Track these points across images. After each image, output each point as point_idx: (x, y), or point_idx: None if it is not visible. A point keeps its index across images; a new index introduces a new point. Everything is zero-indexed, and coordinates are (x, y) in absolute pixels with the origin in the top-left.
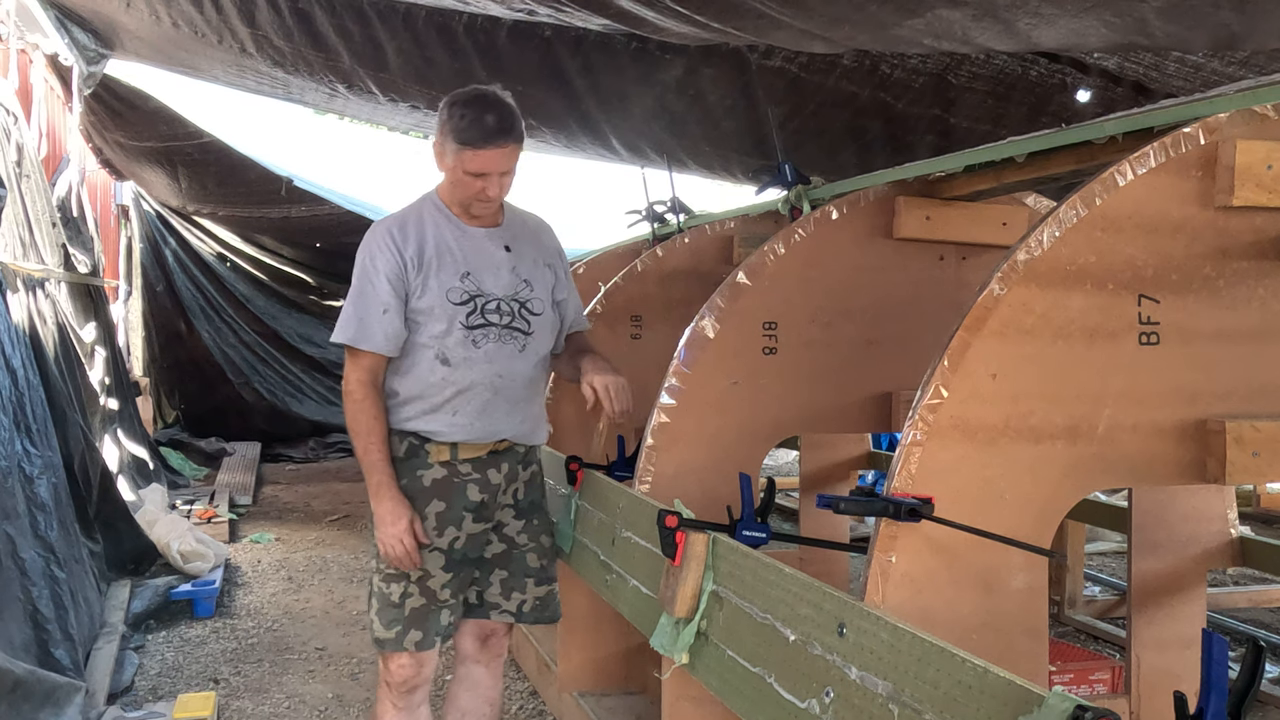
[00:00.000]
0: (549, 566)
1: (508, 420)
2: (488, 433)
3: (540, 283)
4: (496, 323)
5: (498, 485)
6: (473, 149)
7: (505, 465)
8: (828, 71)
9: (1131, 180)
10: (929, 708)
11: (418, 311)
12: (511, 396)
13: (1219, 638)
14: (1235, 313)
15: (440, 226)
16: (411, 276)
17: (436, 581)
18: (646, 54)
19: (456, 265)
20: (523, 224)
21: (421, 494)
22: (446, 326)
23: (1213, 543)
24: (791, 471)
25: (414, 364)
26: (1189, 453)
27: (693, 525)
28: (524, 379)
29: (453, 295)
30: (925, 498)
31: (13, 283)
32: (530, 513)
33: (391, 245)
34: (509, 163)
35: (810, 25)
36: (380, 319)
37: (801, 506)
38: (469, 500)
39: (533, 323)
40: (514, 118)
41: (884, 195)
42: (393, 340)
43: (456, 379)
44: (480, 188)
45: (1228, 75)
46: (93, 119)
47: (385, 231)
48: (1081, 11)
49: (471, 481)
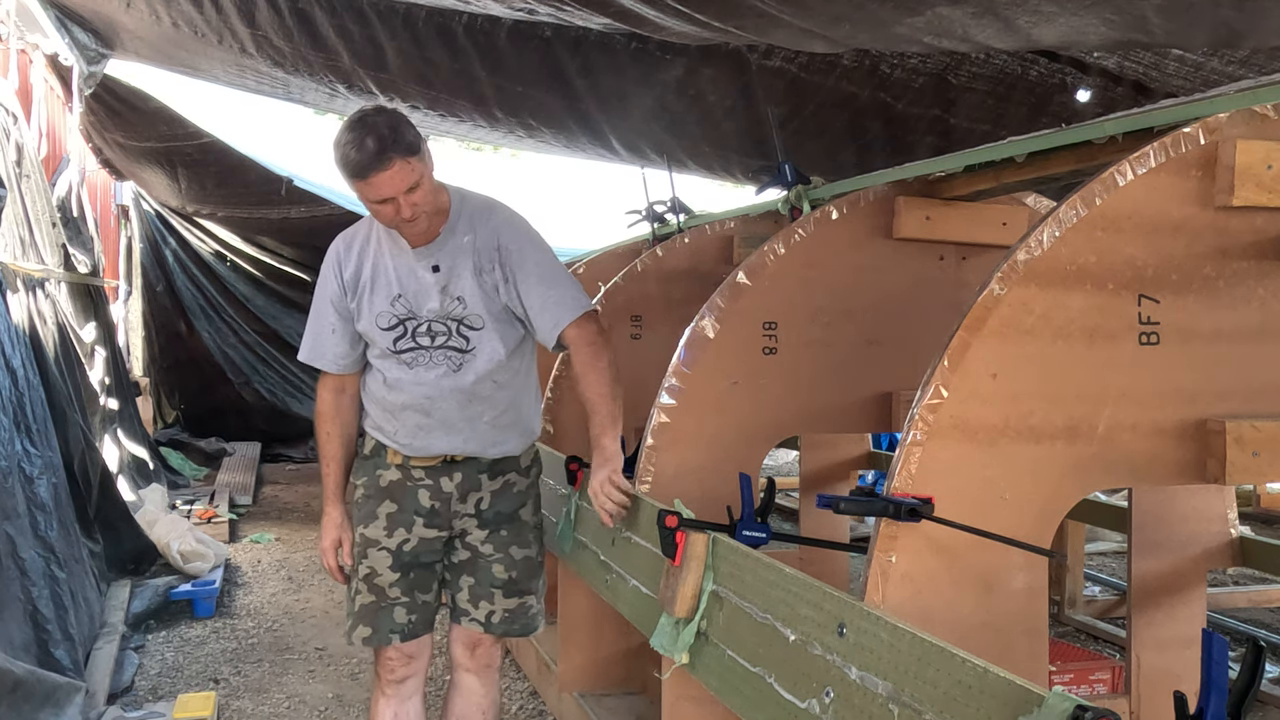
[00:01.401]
0: (521, 580)
1: (446, 439)
2: (427, 450)
3: (479, 294)
4: (428, 345)
5: (450, 494)
6: (361, 179)
7: (459, 475)
8: (828, 71)
9: (1131, 180)
10: (929, 708)
11: (361, 333)
12: (446, 417)
13: (1219, 638)
14: (1235, 313)
15: (382, 245)
16: (349, 300)
17: (384, 580)
18: (646, 54)
19: (389, 288)
20: (469, 227)
21: (378, 493)
22: (380, 350)
23: (1213, 543)
24: (791, 471)
25: (369, 379)
26: (1189, 453)
27: (693, 525)
28: (461, 398)
29: (381, 320)
30: (925, 498)
31: (13, 283)
32: (498, 524)
33: (334, 267)
34: (407, 179)
35: (810, 24)
36: (329, 339)
37: (801, 506)
38: (420, 504)
39: (473, 338)
40: (396, 131)
41: (884, 195)
42: (342, 360)
43: (393, 399)
44: (393, 212)
45: (1228, 74)
46: (93, 119)
47: (333, 251)
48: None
49: (423, 487)
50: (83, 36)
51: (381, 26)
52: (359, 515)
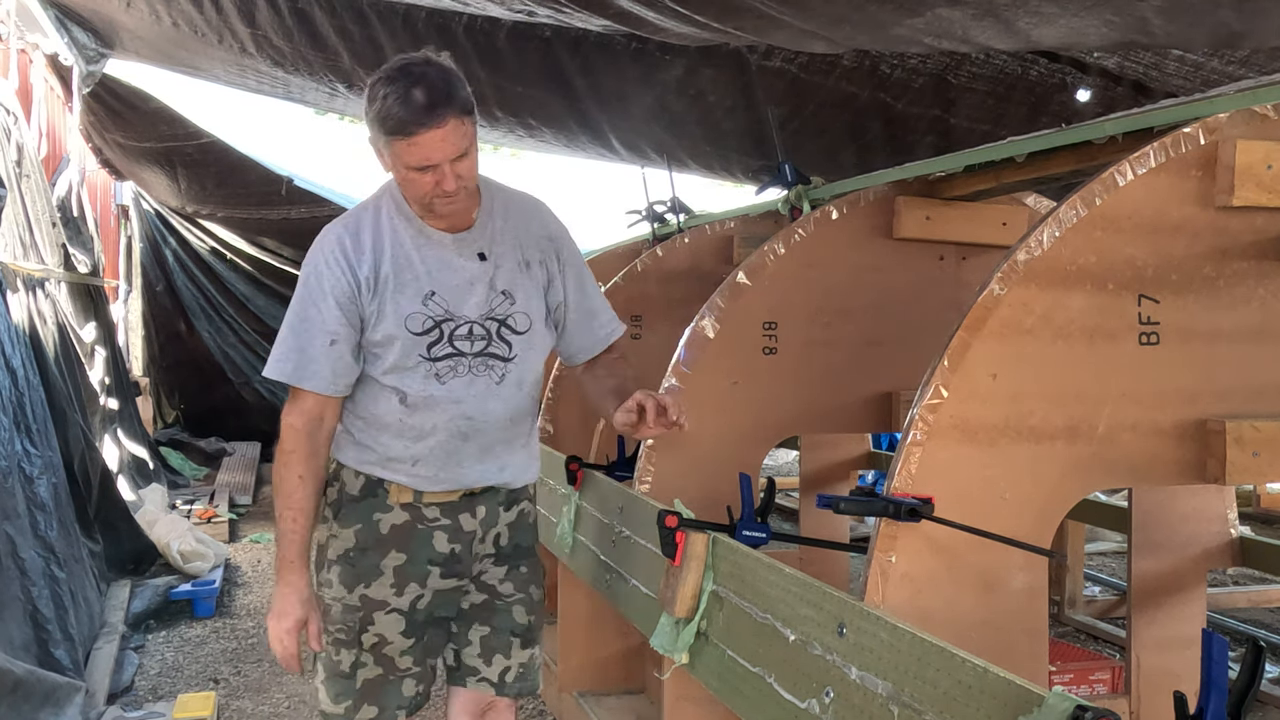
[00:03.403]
0: (535, 626)
1: (480, 468)
2: (456, 483)
3: (526, 290)
4: (467, 351)
5: (472, 533)
6: (405, 137)
7: (483, 509)
8: (828, 72)
9: (1131, 180)
10: (929, 708)
11: (373, 343)
12: (484, 441)
13: (1219, 638)
14: (1235, 313)
15: (400, 233)
16: (366, 301)
17: (395, 648)
18: (646, 54)
19: (419, 284)
20: (505, 215)
21: (378, 544)
22: (405, 360)
23: (1213, 543)
24: (791, 471)
25: (369, 402)
26: (1189, 453)
27: (693, 525)
28: (502, 417)
29: (413, 323)
30: (925, 498)
31: (13, 283)
32: (516, 559)
33: (342, 261)
34: (458, 143)
35: (810, 25)
36: (326, 352)
37: (801, 506)
38: (436, 552)
39: (515, 344)
40: (450, 85)
41: (884, 195)
42: (342, 378)
43: (416, 423)
44: (432, 183)
45: (1228, 75)
46: (93, 119)
47: (336, 241)
48: (1082, 10)
49: (439, 529)
50: (82, 36)
51: (381, 27)
52: (352, 573)
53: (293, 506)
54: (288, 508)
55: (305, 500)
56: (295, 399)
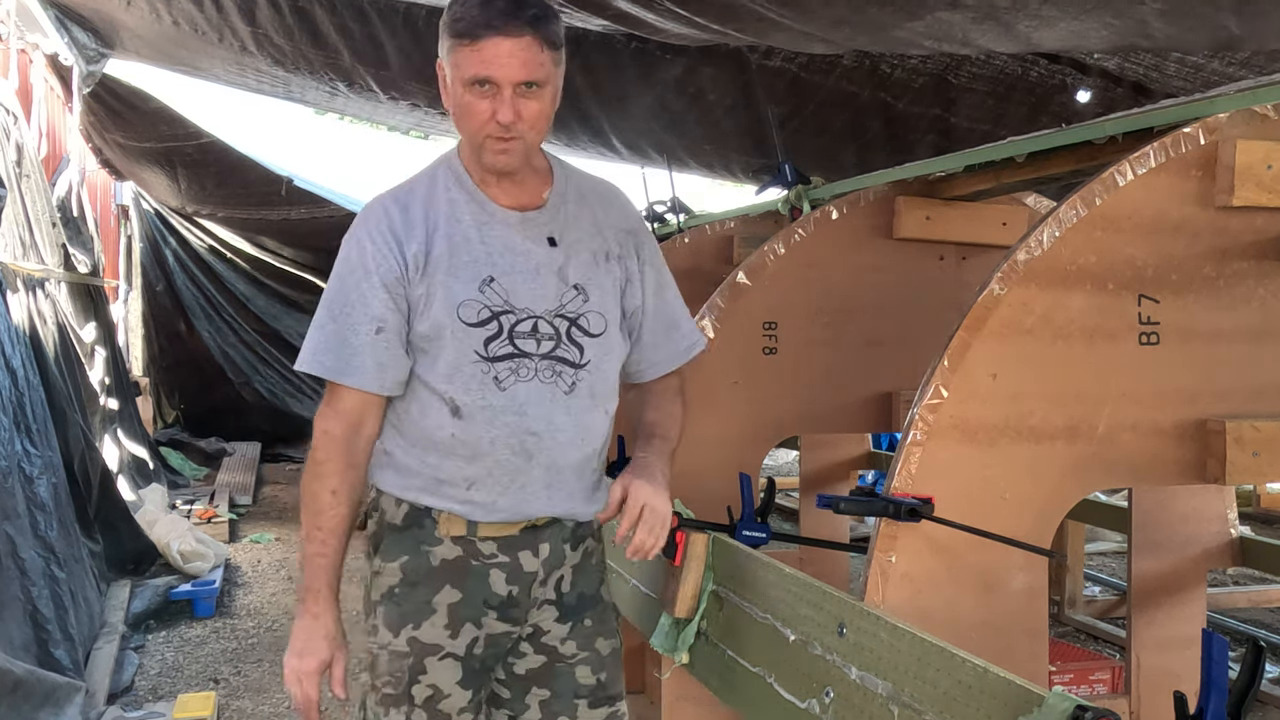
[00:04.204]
0: (610, 681)
1: (548, 495)
2: (517, 513)
3: (602, 287)
4: (532, 352)
5: (533, 574)
6: (470, 41)
7: (546, 546)
8: (828, 71)
9: (1131, 180)
10: (929, 708)
11: (420, 336)
12: (553, 461)
13: (1219, 638)
14: (1235, 313)
15: (458, 207)
16: (414, 283)
17: (452, 703)
18: (646, 54)
19: (476, 266)
20: (580, 199)
21: (429, 577)
22: (457, 359)
23: (1213, 543)
24: (791, 471)
25: (413, 413)
26: (1189, 453)
27: (693, 525)
28: (573, 434)
29: (467, 312)
30: (925, 498)
31: (13, 283)
32: (581, 610)
33: (389, 236)
34: (530, 67)
35: (810, 27)
36: (371, 342)
37: (801, 506)
38: (492, 592)
39: (588, 348)
40: (544, 6)
41: (884, 195)
42: (390, 373)
43: (471, 437)
44: (489, 112)
45: (1228, 75)
46: (93, 119)
47: (383, 214)
48: (1082, 14)
49: (496, 567)
50: (82, 36)
51: (382, 25)
52: (398, 613)
53: (323, 526)
54: (317, 527)
55: (338, 520)
56: (333, 399)
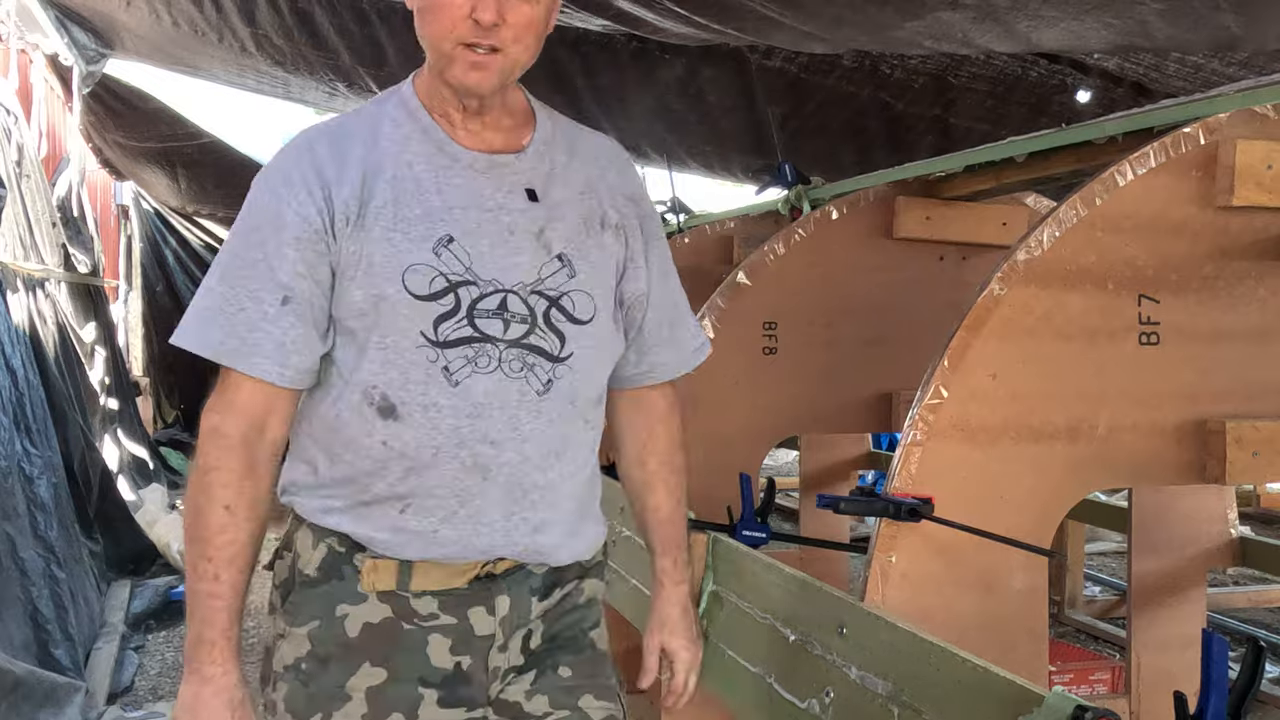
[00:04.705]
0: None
1: (507, 527)
2: (466, 547)
3: (593, 261)
4: (497, 336)
5: (488, 638)
6: None
7: (506, 600)
8: (828, 72)
9: (1131, 180)
10: (929, 707)
11: (349, 310)
12: (516, 481)
13: (1219, 638)
14: (1235, 313)
15: (408, 145)
16: (343, 239)
17: None
18: (646, 54)
19: (430, 222)
20: (570, 150)
21: (344, 653)
22: (396, 342)
23: (1213, 543)
24: (791, 471)
25: (328, 414)
26: (1189, 453)
27: (693, 525)
28: (545, 446)
29: (416, 281)
30: (925, 498)
31: (13, 283)
32: (555, 657)
33: (313, 180)
34: None
35: (809, 27)
36: (275, 315)
37: (801, 506)
38: (432, 666)
39: (570, 338)
40: None
41: (884, 195)
42: (295, 358)
43: (408, 446)
44: (465, 8)
45: (1228, 75)
46: (93, 119)
47: (306, 150)
48: (1082, 14)
49: (438, 630)
50: (82, 36)
51: (381, 25)
52: (304, 695)
53: (215, 556)
54: (206, 558)
55: (236, 548)
56: (226, 389)
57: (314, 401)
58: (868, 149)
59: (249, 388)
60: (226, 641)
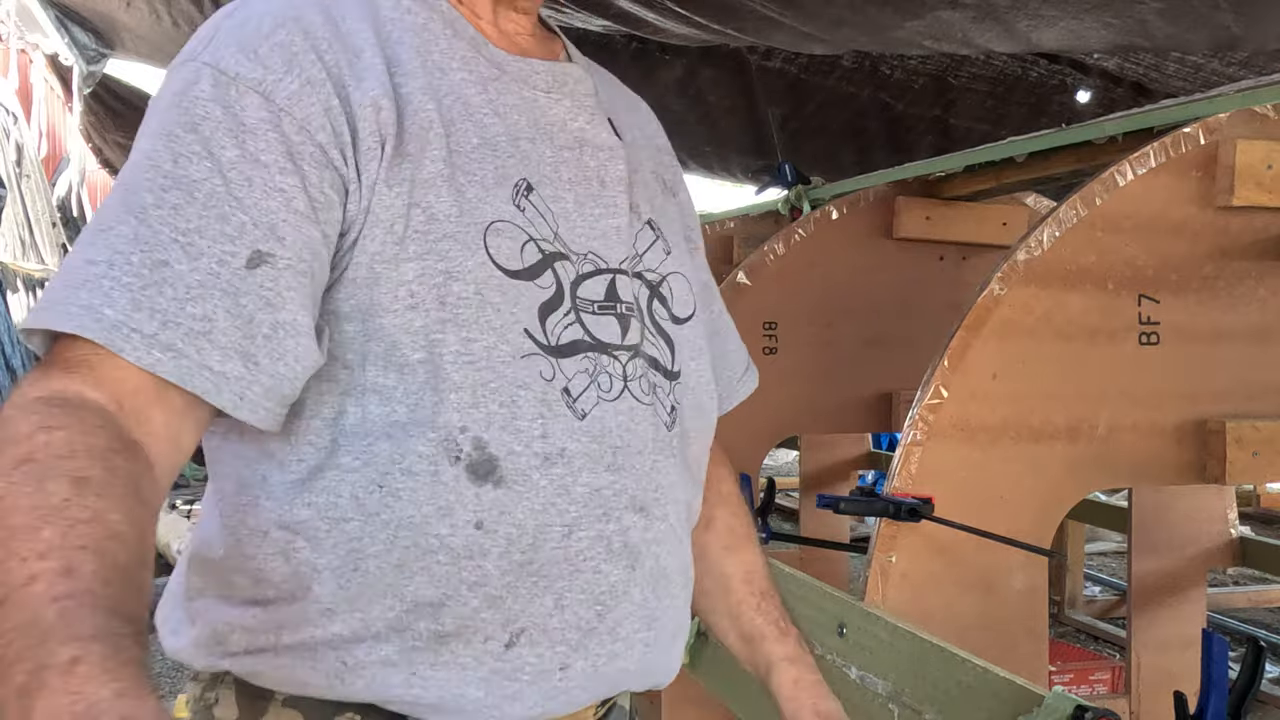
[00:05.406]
0: None
1: (647, 639)
2: (595, 682)
3: (674, 232)
4: (614, 342)
5: None
6: None
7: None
8: (828, 72)
9: (1131, 180)
10: (929, 707)
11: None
12: (662, 568)
13: (1219, 638)
14: (1235, 313)
15: (429, 37)
16: (372, 172)
17: None
18: (646, 54)
19: (495, 154)
20: (606, 83)
21: None
22: (492, 349)
23: (1213, 543)
24: (791, 471)
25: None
26: (1189, 453)
27: None
28: (682, 509)
29: (504, 246)
30: (925, 498)
31: (12, 283)
32: None
33: (309, 60)
34: None
35: (809, 27)
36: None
37: (801, 506)
38: None
39: (679, 345)
40: None
41: (884, 195)
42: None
43: (522, 524)
44: None
45: (1228, 75)
46: (93, 119)
47: (290, 17)
48: (1081, 13)
49: None
50: (82, 36)
51: None
52: None
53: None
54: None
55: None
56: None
57: (287, 474)
58: (868, 149)
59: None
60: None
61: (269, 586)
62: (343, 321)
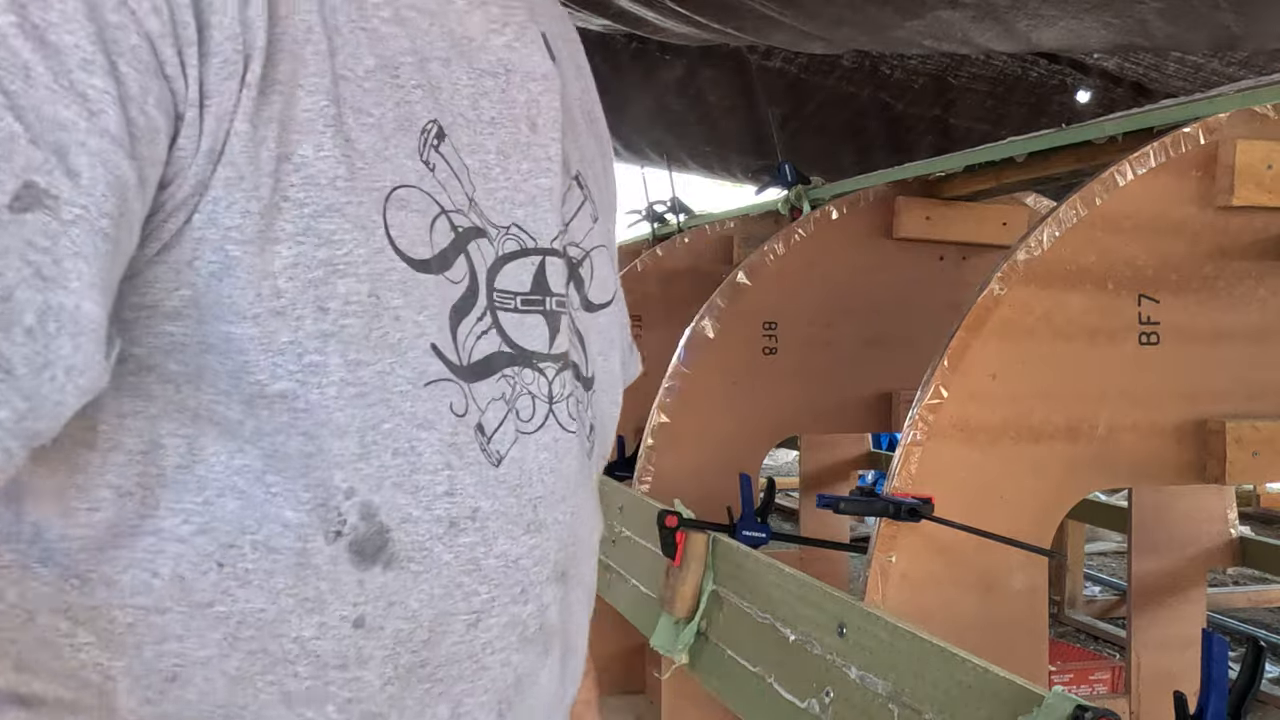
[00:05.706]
0: None
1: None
2: None
3: (604, 192)
4: (540, 350)
5: None
6: None
7: None
8: (828, 72)
9: (1131, 180)
10: (929, 707)
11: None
12: (572, 642)
13: (1219, 638)
14: (1235, 313)
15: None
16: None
17: None
18: (646, 54)
19: (396, 84)
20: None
21: None
22: (387, 374)
23: (1213, 543)
24: (791, 471)
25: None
26: (1189, 453)
27: (693, 525)
28: (591, 557)
29: (406, 224)
30: (925, 498)
31: None
32: None
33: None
34: None
35: (809, 27)
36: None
37: (801, 506)
38: None
39: (590, 341)
40: None
41: (884, 195)
42: (68, 352)
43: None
44: None
45: (1228, 75)
46: None
47: None
48: (1081, 12)
49: None
50: None
51: None
52: None
53: None
54: None
55: None
56: None
57: (73, 528)
58: (868, 149)
59: None
60: None
61: (34, 680)
62: (162, 320)
